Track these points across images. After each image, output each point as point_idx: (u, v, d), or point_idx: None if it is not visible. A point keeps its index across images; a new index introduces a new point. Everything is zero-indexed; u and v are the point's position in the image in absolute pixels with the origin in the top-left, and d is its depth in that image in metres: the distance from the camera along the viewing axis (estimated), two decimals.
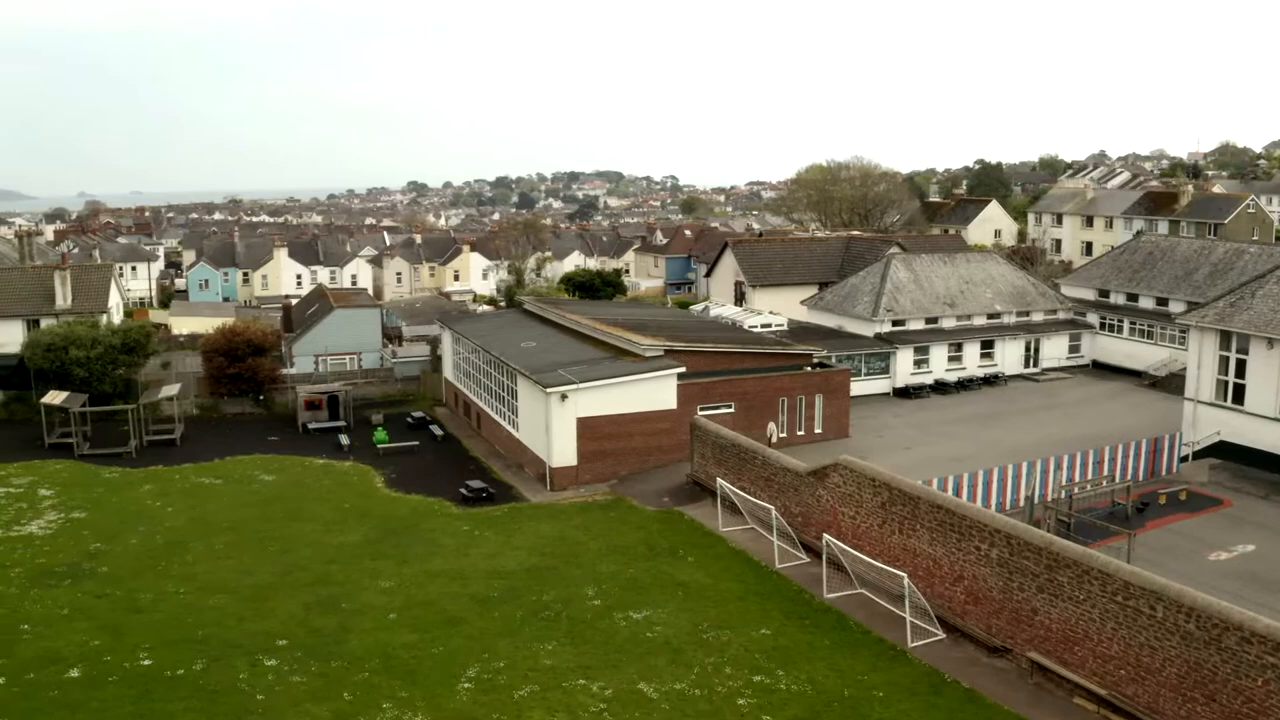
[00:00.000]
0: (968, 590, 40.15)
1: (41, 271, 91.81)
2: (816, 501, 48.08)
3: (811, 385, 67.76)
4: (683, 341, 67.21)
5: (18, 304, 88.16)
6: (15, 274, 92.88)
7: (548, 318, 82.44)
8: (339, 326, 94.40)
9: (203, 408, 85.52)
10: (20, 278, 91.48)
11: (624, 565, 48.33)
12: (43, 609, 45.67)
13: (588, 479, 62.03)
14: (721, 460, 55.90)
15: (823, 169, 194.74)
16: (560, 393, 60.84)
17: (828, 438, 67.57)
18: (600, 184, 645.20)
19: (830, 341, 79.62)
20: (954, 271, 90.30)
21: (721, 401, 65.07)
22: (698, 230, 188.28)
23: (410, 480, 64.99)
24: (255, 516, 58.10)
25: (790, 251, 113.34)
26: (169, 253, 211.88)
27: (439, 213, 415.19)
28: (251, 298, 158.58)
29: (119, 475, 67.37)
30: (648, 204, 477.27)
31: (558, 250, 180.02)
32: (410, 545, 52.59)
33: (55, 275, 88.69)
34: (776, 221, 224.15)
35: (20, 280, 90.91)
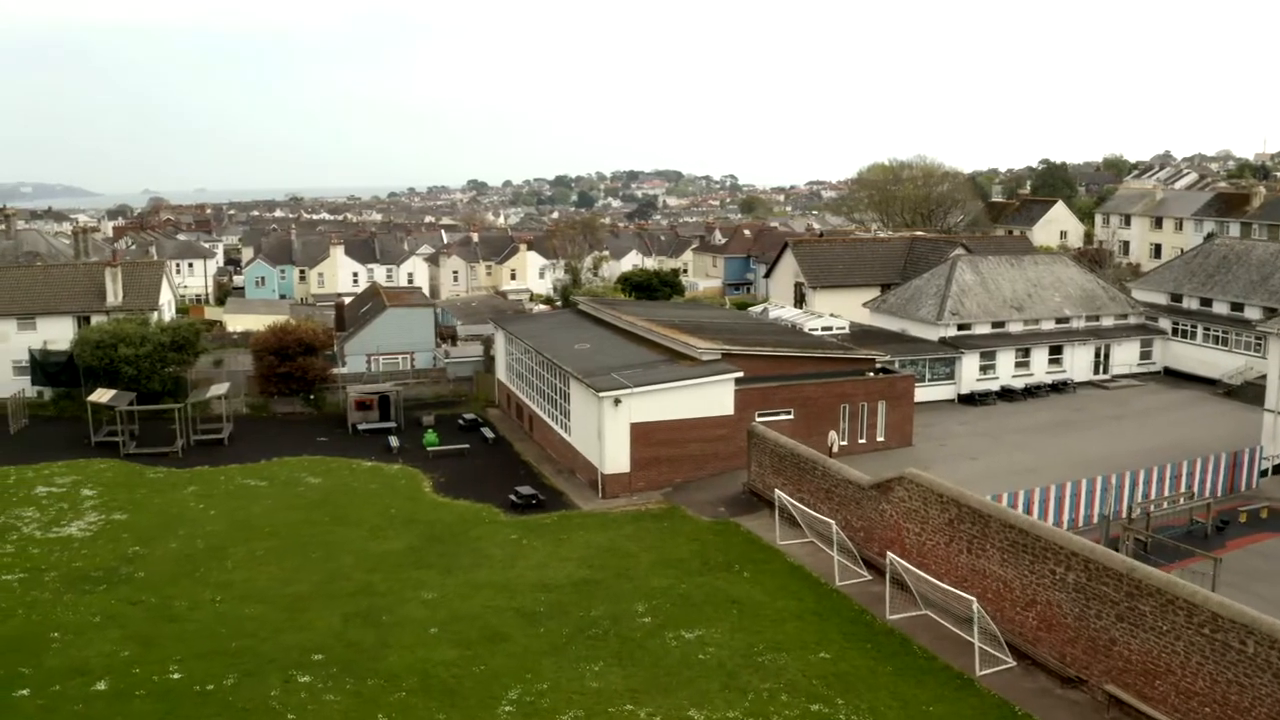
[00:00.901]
0: (1041, 616, 37.71)
1: (93, 268, 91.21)
2: (879, 516, 45.76)
3: (874, 392, 65.32)
4: (741, 345, 65.01)
5: (69, 300, 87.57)
6: (67, 270, 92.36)
7: (602, 318, 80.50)
8: (392, 325, 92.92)
9: (253, 407, 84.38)
10: (72, 274, 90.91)
11: (676, 580, 46.20)
12: (75, 616, 44.31)
13: (641, 486, 60.00)
14: (780, 470, 53.67)
15: (885, 168, 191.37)
16: (613, 397, 58.85)
17: (890, 446, 65.14)
18: (659, 183, 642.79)
19: (893, 346, 77.13)
20: (1021, 274, 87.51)
21: (780, 408, 62.79)
22: (757, 230, 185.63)
23: (459, 485, 63.26)
24: (299, 521, 56.57)
25: (852, 252, 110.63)
26: (228, 250, 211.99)
27: (498, 211, 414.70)
28: (307, 295, 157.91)
29: (163, 475, 66.19)
30: (707, 203, 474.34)
31: (615, 249, 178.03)
32: (456, 554, 50.81)
33: (106, 272, 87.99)
34: (837, 221, 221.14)
35: (72, 277, 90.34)
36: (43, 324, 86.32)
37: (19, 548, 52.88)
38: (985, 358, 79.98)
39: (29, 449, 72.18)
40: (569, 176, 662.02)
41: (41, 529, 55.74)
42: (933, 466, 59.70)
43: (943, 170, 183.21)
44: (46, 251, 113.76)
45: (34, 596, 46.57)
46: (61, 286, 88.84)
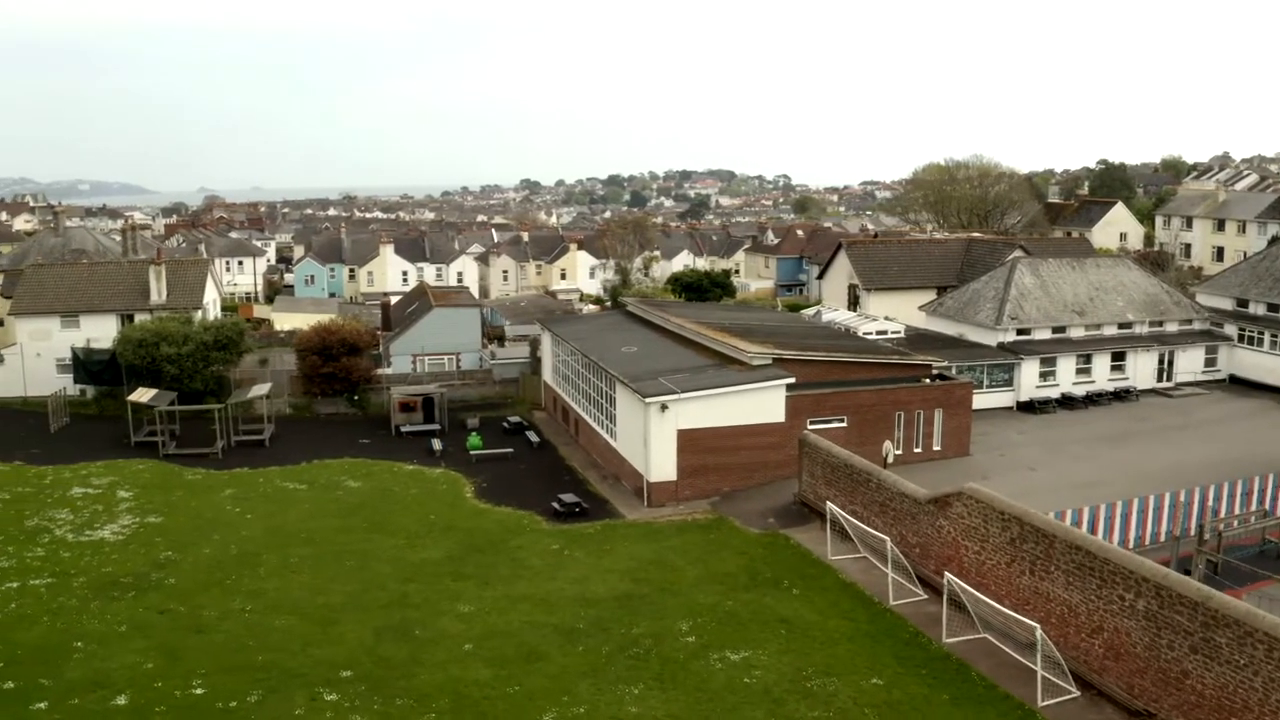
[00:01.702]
0: (1108, 644, 35.42)
1: (137, 266, 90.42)
2: (937, 533, 43.57)
3: (931, 399, 62.95)
4: (793, 349, 62.92)
5: (113, 299, 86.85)
6: (112, 268, 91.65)
7: (651, 320, 78.62)
8: (438, 325, 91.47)
9: (296, 407, 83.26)
10: (116, 272, 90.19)
11: (723, 596, 44.18)
12: (100, 625, 42.98)
13: (687, 495, 58.04)
14: (832, 481, 51.55)
15: (940, 168, 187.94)
16: (660, 403, 56.93)
17: (947, 456, 62.80)
18: (712, 183, 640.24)
19: (950, 350, 74.72)
20: (1083, 277, 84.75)
21: (833, 415, 60.61)
22: (810, 230, 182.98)
23: (501, 491, 61.61)
24: (335, 527, 55.10)
25: (907, 253, 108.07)
26: (281, 248, 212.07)
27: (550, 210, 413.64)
28: (357, 294, 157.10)
29: (201, 477, 65.03)
30: (760, 203, 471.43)
31: (667, 249, 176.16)
32: (495, 565, 49.09)
33: (150, 270, 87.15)
34: (891, 222, 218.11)
35: (116, 275, 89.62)
36: (86, 322, 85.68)
37: (50, 551, 51.76)
38: (1045, 364, 77.36)
39: (68, 448, 71.34)
40: (622, 176, 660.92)
41: (74, 532, 54.64)
42: (991, 478, 57.55)
43: (999, 170, 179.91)
44: (94, 249, 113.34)
45: (60, 603, 45.34)
46: (106, 284, 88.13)
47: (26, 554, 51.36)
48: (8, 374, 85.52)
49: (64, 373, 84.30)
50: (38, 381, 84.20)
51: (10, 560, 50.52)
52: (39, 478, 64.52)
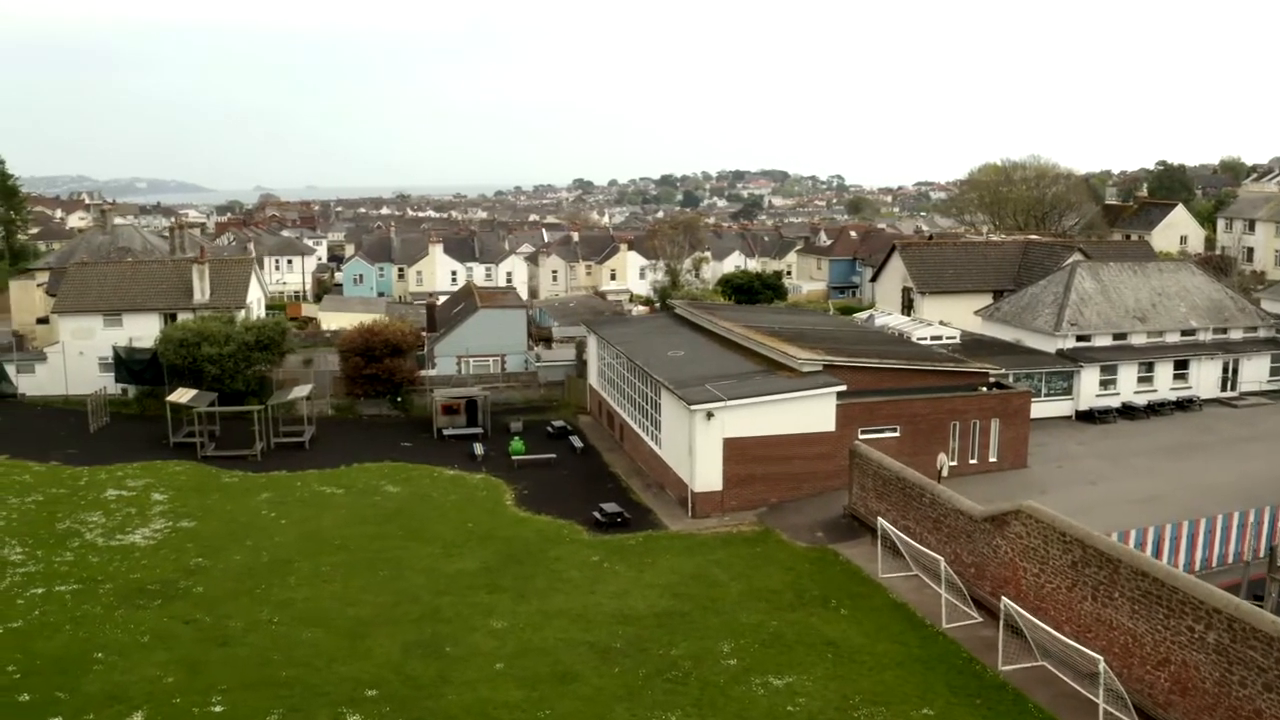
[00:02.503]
0: (1174, 678, 33.18)
1: (181, 265, 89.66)
2: (993, 553, 41.43)
3: (987, 408, 60.63)
4: (844, 355, 60.86)
5: (156, 297, 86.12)
6: (155, 267, 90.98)
7: (698, 324, 76.80)
8: (483, 327, 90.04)
9: (338, 408, 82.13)
10: (160, 271, 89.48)
11: (767, 615, 42.21)
12: (123, 634, 41.70)
13: (733, 506, 56.12)
14: (884, 494, 49.48)
15: (996, 168, 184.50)
16: (706, 410, 55.04)
17: (1003, 467, 60.50)
18: (765, 183, 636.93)
19: (1006, 357, 72.33)
20: (1144, 282, 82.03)
21: (886, 424, 58.45)
22: (864, 231, 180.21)
23: (542, 498, 59.99)
24: (371, 534, 53.66)
25: (963, 256, 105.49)
26: (332, 246, 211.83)
27: (602, 210, 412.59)
28: (405, 293, 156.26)
29: (238, 480, 63.89)
30: (813, 204, 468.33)
31: (718, 250, 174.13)
32: (532, 577, 47.41)
33: (193, 269, 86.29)
34: (946, 223, 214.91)
35: (160, 273, 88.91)
36: (129, 321, 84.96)
37: (79, 556, 50.68)
38: (1106, 372, 74.79)
39: (106, 449, 70.54)
40: (675, 176, 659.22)
41: (105, 536, 53.57)
42: (1049, 492, 55.35)
43: (1057, 171, 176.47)
44: (141, 247, 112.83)
45: (85, 611, 44.14)
46: (149, 283, 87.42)
47: (55, 558, 50.31)
48: (50, 372, 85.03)
49: (106, 372, 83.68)
50: (80, 380, 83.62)
51: (38, 565, 49.46)
52: (74, 479, 63.64)
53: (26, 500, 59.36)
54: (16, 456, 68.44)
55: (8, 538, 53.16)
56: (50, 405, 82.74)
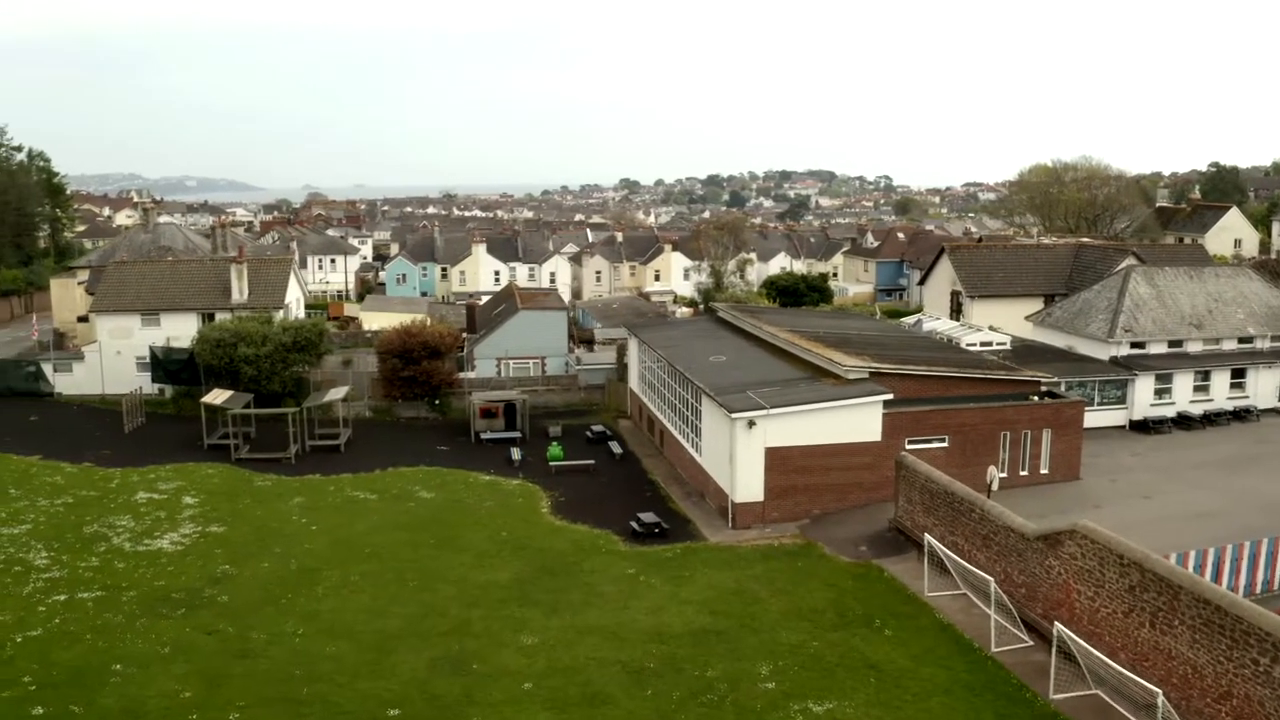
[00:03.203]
0: (1237, 713, 31.15)
1: (219, 264, 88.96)
2: (1045, 573, 39.50)
3: (1039, 418, 58.54)
4: (891, 362, 59.00)
5: (194, 297, 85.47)
6: (194, 266, 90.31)
7: (742, 328, 75.10)
8: (523, 328, 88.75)
9: (376, 410, 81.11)
10: (198, 270, 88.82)
11: (808, 635, 40.43)
12: (144, 645, 40.52)
13: (775, 517, 54.40)
14: (931, 508, 47.60)
15: (1047, 169, 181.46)
16: (747, 419, 53.31)
17: (1054, 480, 58.43)
18: (812, 183, 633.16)
19: (1058, 364, 70.19)
20: (1201, 288, 79.58)
21: (934, 435, 56.49)
22: (911, 233, 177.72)
23: (579, 506, 58.52)
24: (402, 542, 52.34)
25: (1013, 259, 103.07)
26: (378, 246, 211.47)
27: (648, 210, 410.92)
28: (448, 293, 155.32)
29: (271, 484, 62.84)
30: (860, 204, 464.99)
31: (763, 251, 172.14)
32: (565, 590, 45.89)
33: (231, 269, 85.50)
34: (995, 225, 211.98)
35: (198, 273, 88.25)
36: (167, 320, 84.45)
37: (104, 561, 49.67)
38: (1161, 380, 72.47)
39: (140, 450, 69.78)
40: (721, 176, 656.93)
41: (133, 540, 52.57)
42: (1103, 506, 53.37)
43: (1108, 172, 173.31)
44: (183, 246, 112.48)
45: (106, 619, 43.04)
46: (187, 282, 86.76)
47: (80, 564, 49.33)
48: (87, 372, 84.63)
49: (143, 371, 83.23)
50: (117, 380, 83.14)
51: (63, 570, 48.50)
52: (105, 480, 62.86)
53: (56, 502, 58.55)
54: (50, 457, 67.81)
55: (35, 542, 52.30)
56: (87, 405, 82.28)
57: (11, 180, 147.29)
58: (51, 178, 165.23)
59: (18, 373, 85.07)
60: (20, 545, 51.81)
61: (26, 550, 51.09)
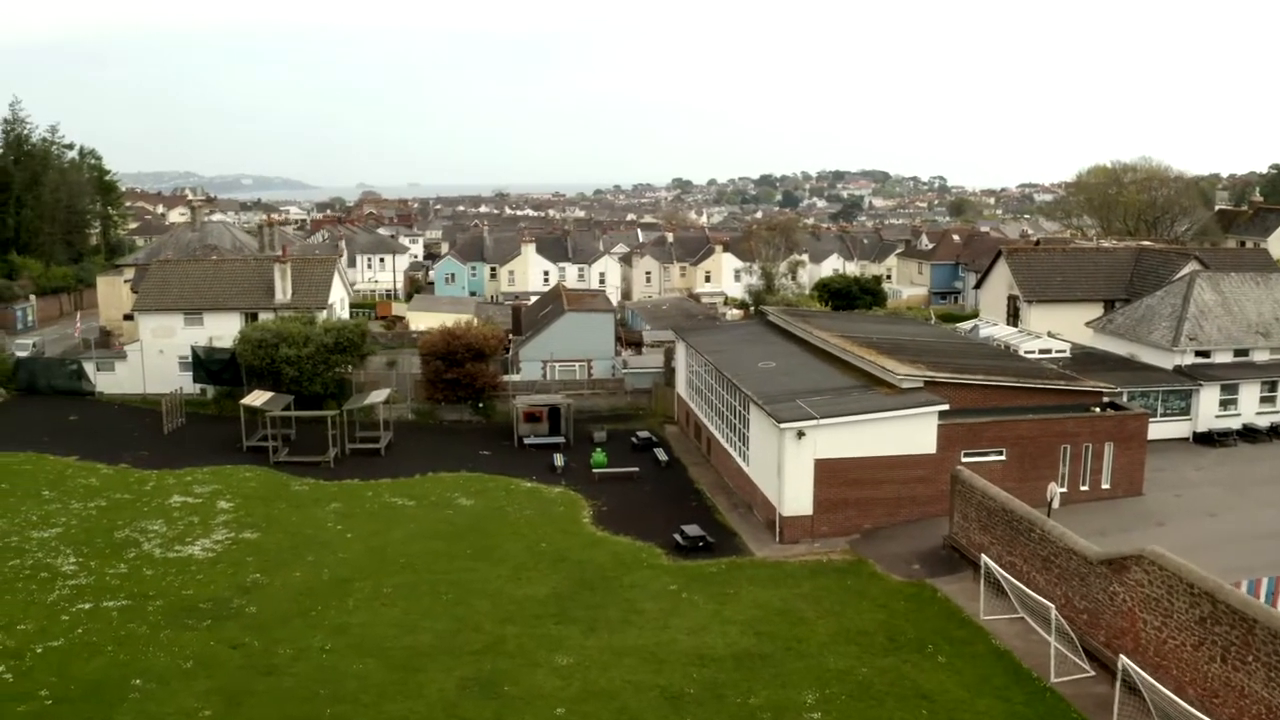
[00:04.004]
0: None
1: (263, 264, 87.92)
2: (1109, 599, 37.29)
3: (1101, 431, 56.06)
4: (947, 371, 56.78)
5: (237, 297, 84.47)
6: (238, 265, 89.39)
7: (792, 332, 73.04)
8: (569, 331, 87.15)
9: (419, 413, 79.75)
10: (242, 269, 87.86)
11: (857, 660, 38.42)
12: (166, 658, 39.22)
13: (824, 531, 52.37)
14: (988, 526, 45.45)
15: (1105, 170, 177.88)
16: (796, 429, 51.35)
17: (1116, 495, 55.98)
18: (866, 183, 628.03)
19: (1120, 373, 67.71)
20: (1268, 294, 76.62)
21: (990, 447, 54.21)
22: (967, 235, 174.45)
23: (621, 516, 56.77)
24: (438, 552, 50.83)
25: (1072, 263, 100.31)
26: (429, 244, 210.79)
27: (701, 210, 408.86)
28: (497, 293, 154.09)
29: (308, 489, 61.58)
30: (914, 205, 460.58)
31: (815, 253, 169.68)
32: (604, 606, 44.14)
33: (275, 268, 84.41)
34: (1051, 227, 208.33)
35: (242, 272, 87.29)
36: (210, 319, 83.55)
37: (133, 568, 48.52)
38: (1226, 391, 69.71)
39: (178, 451, 68.84)
40: (774, 176, 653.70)
41: (163, 546, 51.42)
42: (1167, 524, 51.10)
43: (1169, 173, 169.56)
44: (231, 245, 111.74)
45: (130, 630, 41.81)
46: (230, 282, 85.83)
47: (108, 570, 48.20)
48: (130, 371, 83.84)
49: (186, 371, 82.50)
50: (159, 379, 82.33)
51: (90, 577, 47.37)
52: (141, 483, 61.87)
53: (90, 505, 57.56)
54: (87, 457, 66.99)
55: (64, 546, 51.25)
56: (128, 404, 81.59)
57: (63, 178, 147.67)
58: (102, 175, 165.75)
59: (61, 371, 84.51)
60: (49, 550, 50.78)
61: (55, 555, 50.05)
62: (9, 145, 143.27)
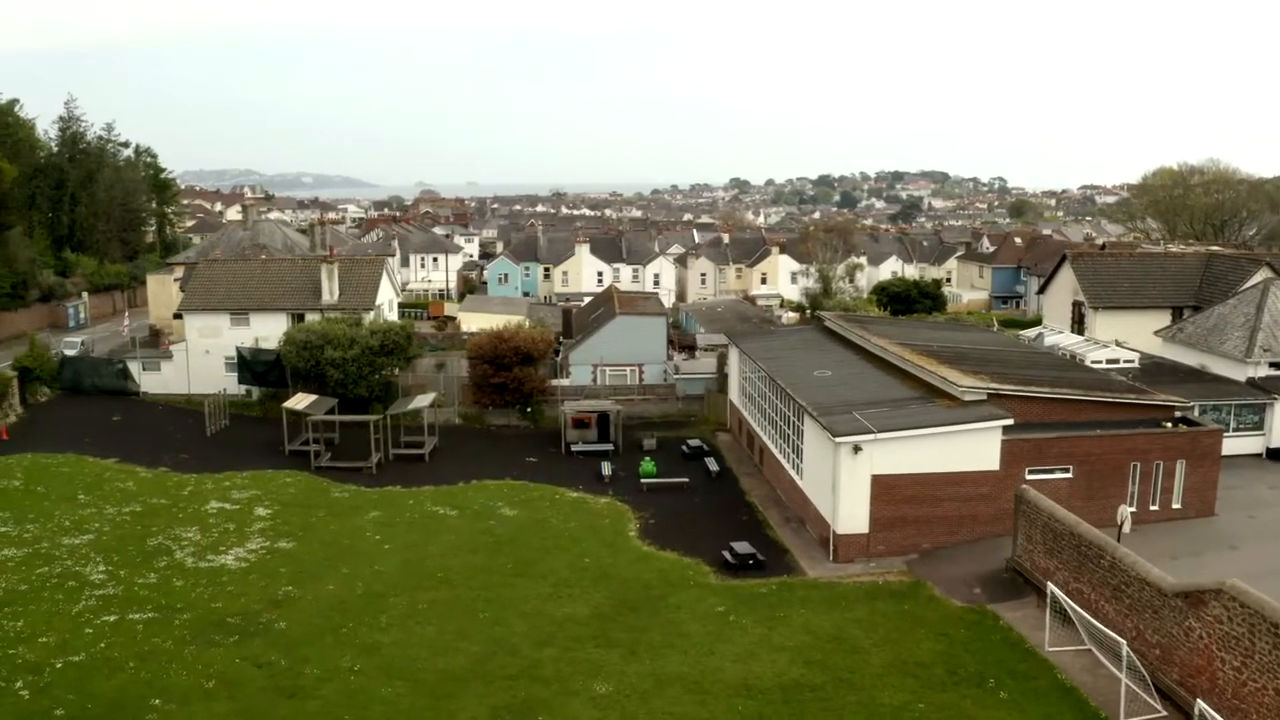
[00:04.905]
0: None
1: (310, 264, 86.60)
2: (1184, 635, 34.77)
3: (1173, 448, 53.20)
4: (1012, 383, 54.16)
5: (283, 297, 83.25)
6: (285, 265, 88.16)
7: (849, 339, 70.66)
8: (620, 334, 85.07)
9: (465, 417, 78.17)
10: (289, 269, 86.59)
11: (913, 695, 36.03)
12: (187, 677, 37.69)
13: (880, 551, 49.99)
14: (1054, 550, 42.94)
15: (1172, 173, 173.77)
16: (853, 444, 49.05)
17: (1188, 516, 53.12)
18: (925, 184, 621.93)
19: (1190, 386, 64.79)
20: None
21: (1056, 465, 51.49)
22: (1029, 238, 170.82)
23: (669, 529, 54.70)
24: (478, 566, 49.02)
25: (1139, 268, 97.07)
26: (485, 244, 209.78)
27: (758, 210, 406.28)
28: (551, 294, 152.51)
29: (348, 496, 60.05)
30: (973, 206, 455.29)
31: (874, 255, 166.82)
32: (647, 629, 42.12)
33: (322, 268, 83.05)
34: (1115, 230, 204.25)
35: (289, 272, 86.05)
36: (256, 320, 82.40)
37: (163, 578, 47.14)
38: None
39: (219, 454, 67.74)
40: (832, 176, 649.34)
41: (196, 555, 50.00)
42: (1240, 547, 48.46)
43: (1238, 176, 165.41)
44: (282, 244, 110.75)
45: (154, 645, 40.32)
46: (277, 282, 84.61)
47: (137, 580, 46.84)
48: (175, 371, 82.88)
49: (231, 372, 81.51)
50: (204, 380, 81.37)
51: (118, 587, 46.01)
52: (179, 487, 60.68)
53: (124, 511, 56.36)
54: (127, 460, 65.97)
55: (94, 554, 49.99)
56: (172, 404, 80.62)
57: (118, 176, 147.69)
58: (158, 173, 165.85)
59: (106, 371, 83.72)
60: (79, 557, 49.53)
61: (84, 563, 48.78)
62: (64, 143, 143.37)
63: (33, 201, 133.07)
